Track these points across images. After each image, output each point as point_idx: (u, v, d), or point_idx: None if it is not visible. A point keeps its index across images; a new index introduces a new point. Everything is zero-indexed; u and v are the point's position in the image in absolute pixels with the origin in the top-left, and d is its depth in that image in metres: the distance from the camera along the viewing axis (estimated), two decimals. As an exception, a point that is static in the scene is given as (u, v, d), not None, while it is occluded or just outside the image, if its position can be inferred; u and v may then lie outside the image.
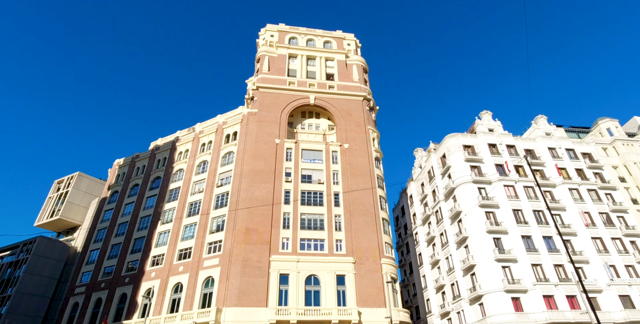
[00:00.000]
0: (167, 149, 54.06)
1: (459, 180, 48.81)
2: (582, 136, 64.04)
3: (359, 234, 40.27)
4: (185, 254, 40.82)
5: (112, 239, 47.98)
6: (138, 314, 38.36)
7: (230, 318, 32.93)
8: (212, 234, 40.77)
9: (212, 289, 36.30)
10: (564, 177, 50.27)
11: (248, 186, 41.90)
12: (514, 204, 46.37)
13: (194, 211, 44.35)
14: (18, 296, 52.41)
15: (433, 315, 50.06)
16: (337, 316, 33.89)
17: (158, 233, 44.63)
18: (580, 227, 45.41)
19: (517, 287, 39.17)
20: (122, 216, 50.11)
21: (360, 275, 37.40)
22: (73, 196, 66.23)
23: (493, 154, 51.37)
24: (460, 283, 44.88)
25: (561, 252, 42.64)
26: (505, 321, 36.41)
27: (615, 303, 39.43)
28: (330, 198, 42.95)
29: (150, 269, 41.61)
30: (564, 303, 38.56)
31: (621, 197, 50.12)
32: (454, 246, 47.37)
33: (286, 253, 37.91)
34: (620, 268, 42.59)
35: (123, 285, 42.00)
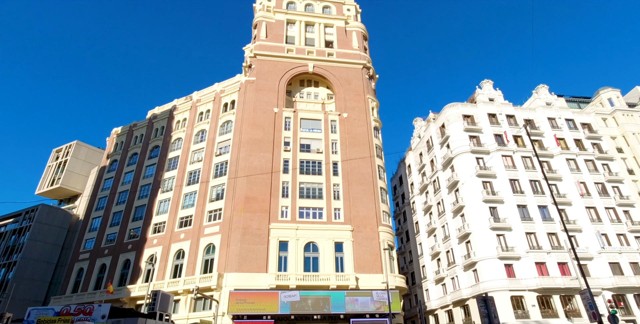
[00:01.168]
0: (164, 118, 53.58)
1: (457, 150, 48.94)
2: (582, 106, 63.60)
3: (357, 203, 40.84)
4: (186, 222, 41.52)
5: (113, 207, 48.63)
6: (142, 279, 39.58)
7: (232, 283, 34.02)
8: (212, 202, 41.26)
9: (214, 256, 37.25)
10: (562, 148, 50.46)
11: (247, 155, 41.95)
12: (511, 174, 46.81)
13: (194, 179, 44.63)
14: (24, 262, 53.75)
15: (428, 281, 51.85)
16: (335, 281, 35.06)
17: (158, 201, 45.15)
18: (575, 197, 46.12)
19: (511, 254, 40.32)
20: (122, 185, 50.52)
21: (357, 242, 38.31)
22: (72, 164, 66.33)
23: (492, 124, 51.21)
24: (455, 250, 46.13)
25: (555, 221, 43.55)
26: (498, 286, 37.75)
27: (605, 269, 40.78)
28: (329, 167, 43.17)
29: (152, 236, 42.47)
30: (555, 270, 39.87)
31: (617, 168, 50.58)
32: (450, 214, 48.25)
33: (285, 221, 38.59)
34: (612, 236, 43.68)
35: (126, 251, 43.04)
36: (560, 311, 37.78)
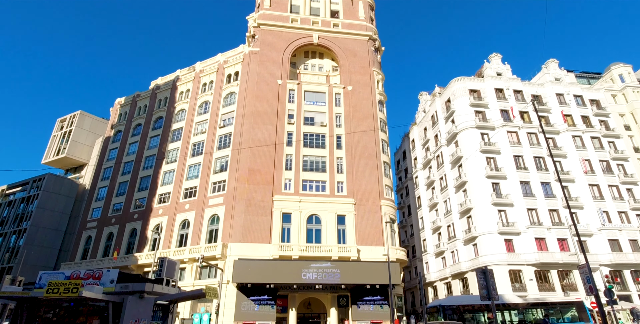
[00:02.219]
0: (167, 88, 53.05)
1: (462, 125, 48.50)
2: (592, 82, 62.19)
3: (360, 177, 41.00)
4: (190, 193, 42.01)
5: (118, 178, 49.18)
6: (148, 247, 40.58)
7: (236, 253, 34.82)
8: (216, 174, 41.55)
9: (218, 226, 37.94)
10: (569, 124, 49.88)
11: (250, 128, 41.78)
12: (515, 151, 46.59)
13: (198, 151, 44.74)
14: (33, 229, 55.09)
15: (428, 254, 52.92)
16: (337, 252, 35.79)
17: (163, 172, 45.54)
18: (579, 174, 46.06)
19: (511, 229, 40.84)
20: (127, 155, 50.83)
21: (360, 215, 38.79)
22: (77, 134, 66.59)
23: (499, 99, 50.43)
24: (456, 224, 46.74)
25: (557, 197, 43.74)
26: (497, 260, 38.49)
27: (604, 246, 41.37)
28: (333, 141, 43.04)
29: (157, 206, 43.14)
30: (555, 245, 40.49)
31: (623, 146, 50.15)
32: (453, 190, 48.50)
33: (288, 193, 38.94)
34: (613, 213, 43.98)
35: (132, 221, 43.89)
36: (557, 285, 38.69)
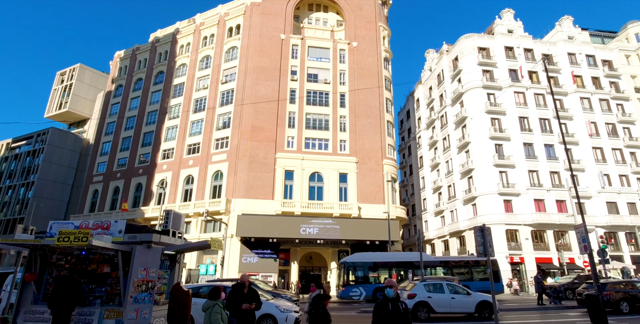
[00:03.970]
0: (167, 41, 51.35)
1: (469, 85, 47.35)
2: (606, 42, 59.63)
3: (362, 136, 40.86)
4: (194, 149, 42.20)
5: (122, 133, 49.19)
6: (154, 202, 41.54)
7: (239, 208, 35.66)
8: (218, 130, 41.44)
9: (222, 182, 38.51)
10: (578, 86, 48.58)
11: (253, 84, 41.00)
12: (521, 112, 45.83)
13: (200, 107, 44.27)
14: (41, 183, 56.18)
15: (428, 213, 54.09)
16: (338, 210, 36.61)
17: (166, 128, 45.42)
18: (583, 137, 45.65)
19: (511, 190, 41.30)
20: (129, 110, 50.45)
21: (362, 174, 39.16)
22: (78, 88, 65.72)
23: (508, 58, 48.74)
24: (457, 185, 47.24)
25: (559, 160, 43.71)
26: (495, 220, 39.28)
27: (601, 208, 42.00)
28: (336, 98, 42.38)
29: (161, 162, 43.55)
30: (553, 207, 41.15)
31: (632, 108, 49.17)
32: (455, 150, 48.45)
33: (291, 151, 39.06)
34: (614, 177, 44.14)
35: (137, 175, 44.54)
36: (552, 245, 39.85)
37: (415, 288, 16.12)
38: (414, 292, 15.93)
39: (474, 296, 16.05)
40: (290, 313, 11.54)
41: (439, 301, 15.54)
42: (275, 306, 11.65)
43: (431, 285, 16.18)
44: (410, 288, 16.26)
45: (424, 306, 15.52)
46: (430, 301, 15.61)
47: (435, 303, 15.56)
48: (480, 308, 15.74)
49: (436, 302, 15.58)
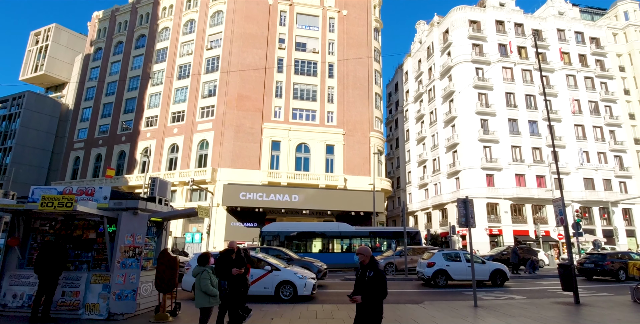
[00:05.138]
0: (149, 3, 48.71)
1: (458, 59, 46.99)
2: (596, 19, 59.45)
3: (350, 107, 40.57)
4: (178, 117, 41.25)
5: (102, 98, 47.53)
6: (138, 170, 40.97)
7: (225, 177, 35.53)
8: (204, 98, 40.45)
9: (207, 151, 38.08)
10: (565, 63, 48.77)
11: (239, 51, 39.73)
12: (508, 87, 46.02)
13: (184, 74, 42.86)
14: (19, 148, 54.56)
15: (412, 185, 55.07)
16: (324, 181, 36.87)
17: (149, 95, 44.05)
18: (566, 114, 46.38)
19: (494, 165, 42.16)
20: (110, 75, 48.50)
21: (348, 146, 39.22)
22: (54, 50, 62.54)
23: (499, 32, 48.31)
24: (441, 158, 47.91)
25: (542, 136, 44.53)
26: (477, 193, 40.26)
27: (578, 184, 43.44)
28: (324, 69, 41.59)
29: (145, 129, 42.56)
30: (533, 182, 42.37)
31: (615, 87, 49.88)
32: (442, 124, 48.73)
33: (278, 121, 38.63)
34: (593, 154, 45.39)
35: (120, 143, 43.57)
36: (530, 218, 41.36)
37: (434, 257, 16.92)
38: (432, 261, 16.69)
39: (488, 265, 17.04)
40: (308, 280, 12.07)
41: (456, 269, 16.43)
42: (294, 273, 12.11)
43: (449, 254, 17.11)
44: (429, 258, 17.07)
45: (442, 273, 16.37)
46: (448, 269, 16.44)
47: (452, 271, 16.41)
48: (493, 276, 16.76)
49: (453, 270, 16.43)
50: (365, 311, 4.68)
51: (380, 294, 4.65)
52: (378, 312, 4.67)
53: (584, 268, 20.23)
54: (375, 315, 4.66)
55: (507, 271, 17.13)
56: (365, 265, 4.85)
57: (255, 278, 11.62)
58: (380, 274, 4.70)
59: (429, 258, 17.13)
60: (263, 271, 11.84)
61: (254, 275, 11.60)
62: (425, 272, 16.55)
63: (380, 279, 4.67)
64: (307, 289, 11.91)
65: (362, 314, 4.70)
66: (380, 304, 4.69)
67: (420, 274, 17.33)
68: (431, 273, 16.32)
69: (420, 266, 17.49)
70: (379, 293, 4.64)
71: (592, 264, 19.87)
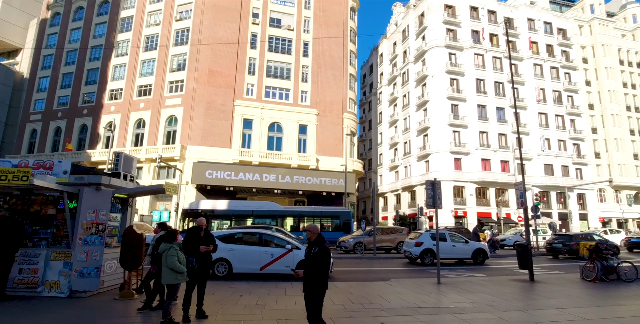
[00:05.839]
0: (112, -34, 45.41)
1: (432, 43, 47.26)
2: (564, 10, 61.18)
3: (324, 87, 40.19)
4: (145, 91, 39.46)
5: (61, 68, 44.54)
6: (101, 145, 39.20)
7: (195, 155, 34.66)
8: (172, 72, 38.77)
9: (176, 128, 36.85)
10: (533, 52, 50.14)
11: (211, 24, 38.10)
12: (478, 74, 46.92)
13: (152, 45, 40.75)
14: (-33, 118, 50.75)
15: (383, 167, 55.95)
16: (296, 161, 36.73)
17: (113, 66, 41.69)
18: (531, 102, 48.00)
19: (462, 150, 43.37)
20: (69, 43, 45.34)
21: (321, 126, 39.05)
22: (5, 12, 57.41)
23: (472, 18, 48.83)
24: (412, 142, 48.74)
25: (508, 123, 46.04)
26: (445, 176, 41.42)
27: (539, 170, 45.56)
28: (299, 47, 40.73)
29: (109, 102, 40.50)
30: (498, 166, 44.05)
31: (577, 78, 51.95)
32: (414, 108, 49.32)
33: (251, 99, 37.77)
34: (554, 141, 47.52)
35: (82, 116, 41.34)
36: (493, 201, 43.19)
37: (422, 237, 17.58)
38: (420, 240, 17.33)
39: (471, 245, 17.88)
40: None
41: (442, 248, 16.94)
42: None
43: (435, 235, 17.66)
44: (416, 237, 17.71)
45: (429, 252, 17.06)
46: (435, 248, 16.90)
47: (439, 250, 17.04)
48: (475, 255, 17.64)
49: (440, 249, 16.99)
50: (308, 285, 4.90)
51: (322, 268, 4.86)
52: (320, 285, 4.87)
53: (552, 248, 21.84)
54: (317, 288, 4.86)
55: (487, 250, 18.19)
56: (312, 242, 5.06)
57: (275, 256, 11.83)
58: (323, 250, 4.89)
59: (416, 237, 17.81)
60: (283, 250, 11.99)
61: (274, 254, 11.85)
62: (413, 251, 17.25)
63: (323, 254, 4.88)
64: None
65: (306, 288, 4.92)
66: (323, 278, 4.88)
67: (407, 254, 18.02)
68: (419, 252, 17.04)
69: (407, 246, 18.15)
70: (321, 267, 4.85)
71: (559, 244, 21.44)
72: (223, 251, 11.60)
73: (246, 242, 12.32)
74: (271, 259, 11.84)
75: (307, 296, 4.92)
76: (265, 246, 12.13)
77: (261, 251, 11.89)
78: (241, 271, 11.81)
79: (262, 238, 12.36)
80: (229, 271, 11.77)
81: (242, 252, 11.90)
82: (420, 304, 8.34)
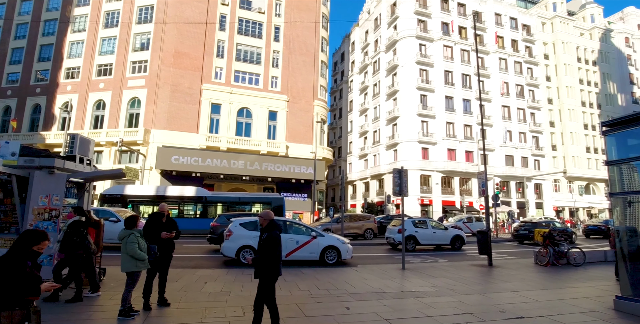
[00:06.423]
0: None
1: (403, 33, 47.54)
2: (529, 7, 63.21)
3: (295, 74, 39.66)
4: (105, 71, 37.40)
5: (10, 42, 41.20)
6: (57, 127, 37.00)
7: (160, 140, 33.43)
8: (135, 52, 36.90)
9: (139, 110, 35.31)
10: (499, 46, 51.55)
11: (177, 2, 36.44)
12: (447, 66, 47.78)
13: (112, 22, 38.48)
14: None
15: (352, 156, 56.37)
16: (266, 147, 36.26)
17: (69, 42, 39.10)
18: (496, 95, 49.57)
19: (429, 139, 44.33)
20: (19, 15, 41.89)
21: (292, 113, 38.65)
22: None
23: (443, 10, 49.46)
24: (382, 131, 49.27)
25: (473, 114, 47.39)
26: (412, 165, 42.25)
27: (500, 160, 47.40)
28: (270, 31, 39.81)
29: (65, 81, 38.10)
30: (462, 156, 45.45)
31: (539, 73, 54.08)
32: (384, 97, 49.71)
33: (219, 83, 36.71)
34: (515, 133, 49.49)
35: (34, 95, 38.69)
36: (457, 190, 44.65)
37: (405, 224, 17.61)
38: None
39: (450, 231, 18.74)
40: (348, 245, 12.91)
41: (424, 235, 17.95)
42: (336, 239, 12.86)
43: (417, 222, 18.60)
44: (398, 224, 17.95)
45: (412, 239, 17.69)
46: (417, 235, 17.86)
47: (420, 237, 17.90)
48: (453, 241, 18.47)
49: (421, 236, 17.93)
50: (258, 271, 4.91)
51: (270, 255, 4.84)
52: (269, 272, 4.87)
53: (518, 234, 23.15)
54: (266, 275, 4.86)
55: (464, 236, 19.01)
56: (263, 228, 5.06)
57: (300, 243, 12.12)
58: (271, 237, 4.88)
59: (398, 224, 18.21)
60: (308, 237, 12.31)
61: (299, 241, 12.12)
62: (396, 238, 17.72)
63: (271, 241, 4.86)
64: (349, 254, 12.72)
65: (256, 274, 4.93)
66: (271, 265, 4.86)
67: (390, 240, 18.57)
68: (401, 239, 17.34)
69: (390, 232, 18.63)
70: (269, 254, 4.84)
71: (525, 231, 22.70)
72: (248, 238, 11.79)
73: None
74: (296, 246, 12.08)
75: (259, 282, 4.94)
76: (287, 233, 12.26)
77: (286, 238, 11.81)
78: None
79: (286, 225, 12.60)
80: None
81: None
82: (384, 289, 8.48)
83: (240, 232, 12.05)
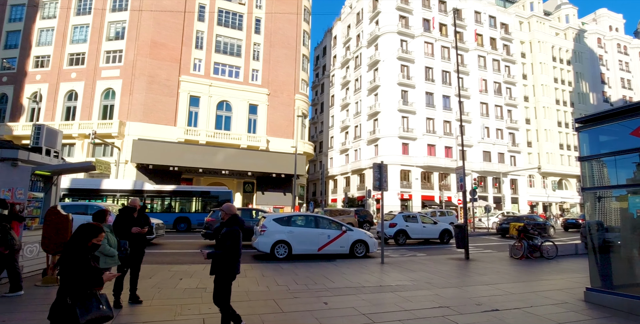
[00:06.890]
0: None
1: (385, 29, 47.65)
2: (508, 6, 64.39)
3: (276, 67, 39.19)
4: (77, 60, 35.98)
5: (-25, 28, 39.22)
6: (26, 118, 35.45)
7: (136, 132, 32.50)
8: (110, 41, 35.63)
9: (114, 102, 34.19)
10: (478, 44, 52.34)
11: (155, -9, 35.27)
12: (428, 62, 48.19)
13: (85, 9, 36.97)
14: None
15: (334, 150, 56.35)
16: (246, 141, 35.77)
17: (38, 29, 37.37)
18: (474, 92, 50.39)
19: (410, 135, 44.72)
20: (-16, 1, 39.87)
21: (273, 107, 38.23)
22: None
23: (424, 6, 49.81)
24: (363, 126, 49.39)
25: (453, 111, 48.05)
26: (393, 160, 42.57)
27: (478, 156, 48.34)
28: (251, 23, 39.15)
29: (33, 70, 36.46)
30: (442, 152, 46.09)
31: (516, 71, 55.29)
32: (366, 92, 49.80)
33: (198, 75, 35.91)
34: (492, 130, 50.51)
35: (0, 84, 36.95)
36: (436, 184, 45.31)
37: (396, 218, 18.66)
38: (394, 222, 18.36)
39: (439, 226, 19.17)
40: (375, 239, 13.49)
41: (414, 229, 18.48)
42: (364, 233, 13.39)
43: (408, 216, 19.02)
44: (390, 219, 18.67)
45: (402, 233, 18.15)
46: (408, 229, 18.33)
47: (411, 231, 18.42)
48: (442, 235, 18.98)
49: (412, 230, 18.46)
50: (214, 267, 4.71)
51: (227, 251, 4.60)
52: (225, 270, 4.64)
53: (501, 228, 23.82)
54: (222, 272, 4.65)
55: (452, 230, 19.21)
56: (224, 222, 4.86)
57: (332, 238, 12.58)
58: (230, 232, 4.64)
59: (390, 219, 18.69)
60: (338, 231, 12.77)
61: (331, 235, 12.58)
62: (387, 232, 18.01)
63: (231, 236, 4.62)
64: (375, 247, 13.32)
65: (212, 270, 4.73)
66: (228, 262, 4.63)
67: (378, 235, 18.62)
68: (393, 233, 18.03)
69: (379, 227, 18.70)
70: (228, 250, 4.60)
71: (507, 225, 23.10)
72: (282, 234, 12.11)
73: (303, 224, 12.81)
74: (328, 241, 12.50)
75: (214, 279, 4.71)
76: (319, 227, 12.70)
77: (318, 233, 12.48)
78: (300, 252, 12.19)
79: (317, 221, 12.95)
80: (289, 252, 12.09)
81: (301, 234, 12.34)
82: (363, 283, 8.45)
83: (275, 227, 12.18)
